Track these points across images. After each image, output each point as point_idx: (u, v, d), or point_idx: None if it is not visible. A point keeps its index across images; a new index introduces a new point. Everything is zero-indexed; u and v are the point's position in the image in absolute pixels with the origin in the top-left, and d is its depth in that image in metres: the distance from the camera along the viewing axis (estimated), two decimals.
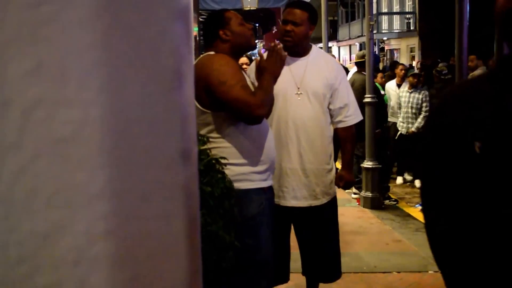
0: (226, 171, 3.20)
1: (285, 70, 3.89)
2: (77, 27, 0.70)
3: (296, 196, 4.00)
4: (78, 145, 0.71)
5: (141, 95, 0.71)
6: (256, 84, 3.48)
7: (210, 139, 3.31)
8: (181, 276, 0.77)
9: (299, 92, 3.91)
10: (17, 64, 0.70)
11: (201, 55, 3.49)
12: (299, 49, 4.02)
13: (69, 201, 0.72)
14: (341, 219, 7.00)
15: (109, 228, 0.72)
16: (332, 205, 4.24)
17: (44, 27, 0.70)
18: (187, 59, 0.77)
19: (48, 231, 0.72)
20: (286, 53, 3.52)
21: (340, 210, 7.68)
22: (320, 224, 4.13)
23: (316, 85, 3.97)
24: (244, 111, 3.24)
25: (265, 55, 3.53)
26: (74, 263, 0.72)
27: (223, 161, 3.17)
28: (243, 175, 3.39)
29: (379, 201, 8.59)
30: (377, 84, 9.36)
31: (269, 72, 3.40)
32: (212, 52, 3.43)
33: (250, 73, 4.03)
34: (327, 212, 4.17)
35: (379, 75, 10.43)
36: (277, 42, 3.57)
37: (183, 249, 0.76)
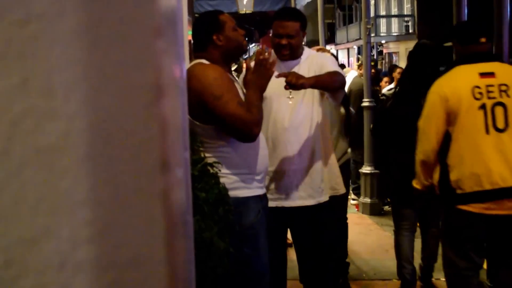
0: (224, 180, 3.18)
1: (277, 72, 3.90)
2: (62, 44, 0.73)
3: (300, 195, 3.98)
4: (63, 155, 0.75)
5: (122, 107, 0.74)
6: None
7: (205, 149, 3.27)
8: (164, 283, 0.80)
9: (290, 96, 3.90)
10: (6, 78, 0.74)
11: (192, 63, 3.41)
12: (294, 56, 4.02)
13: (54, 208, 0.75)
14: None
15: (92, 234, 0.76)
16: (331, 204, 4.24)
17: (32, 43, 0.74)
18: (168, 69, 0.80)
19: (34, 236, 0.76)
20: (274, 63, 3.42)
21: None
22: (320, 224, 4.12)
23: (309, 89, 3.96)
24: (240, 129, 3.19)
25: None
26: (58, 268, 0.76)
27: (219, 168, 3.16)
28: (241, 183, 3.35)
29: (378, 207, 8.55)
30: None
31: (255, 87, 3.33)
32: (203, 60, 3.37)
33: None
34: (327, 212, 4.16)
35: (385, 79, 10.33)
36: (265, 50, 3.48)
37: (166, 256, 0.79)
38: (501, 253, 3.95)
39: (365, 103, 8.52)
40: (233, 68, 10.69)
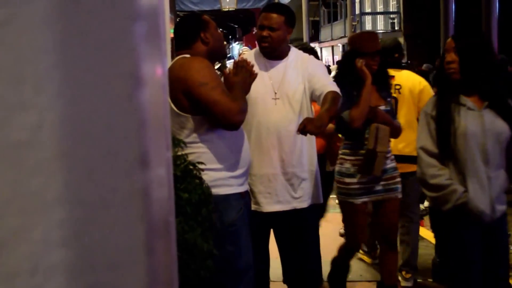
0: (204, 177, 3.16)
1: (263, 74, 3.86)
2: (33, 30, 0.68)
3: (279, 200, 3.94)
4: (34, 150, 0.70)
5: (98, 99, 0.69)
6: None
7: (187, 144, 3.25)
8: (143, 286, 0.75)
9: (276, 97, 3.85)
10: None
11: (177, 58, 3.42)
12: (278, 53, 3.96)
13: (24, 208, 0.70)
14: (325, 225, 6.98)
15: (66, 236, 0.71)
16: (314, 210, 4.20)
17: None
18: (147, 61, 0.75)
19: (3, 239, 0.70)
20: (256, 73, 3.48)
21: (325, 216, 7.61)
22: (302, 229, 4.08)
23: (294, 89, 3.91)
24: (225, 115, 3.19)
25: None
26: (30, 272, 0.71)
27: (200, 166, 3.14)
28: (222, 180, 3.34)
29: None
30: None
31: (239, 88, 3.36)
32: (187, 55, 3.36)
33: None
34: (310, 217, 4.12)
35: None
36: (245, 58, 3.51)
37: (145, 258, 0.74)
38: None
39: None
40: (216, 67, 10.65)
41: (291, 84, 3.89)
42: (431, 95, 4.93)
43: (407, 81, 5.31)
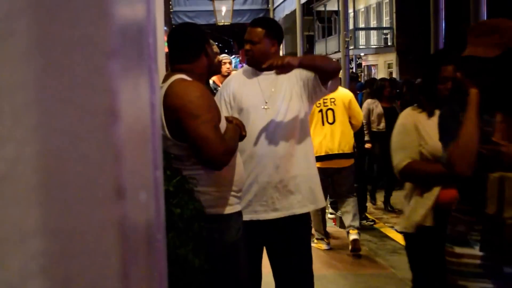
0: (206, 197, 3.15)
1: (254, 84, 3.92)
2: (10, 66, 0.70)
3: (276, 208, 3.96)
4: (12, 183, 0.71)
5: (74, 133, 0.71)
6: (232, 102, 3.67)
7: (189, 166, 3.21)
8: None
9: (266, 107, 3.90)
10: None
11: (173, 78, 3.26)
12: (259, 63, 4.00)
13: (2, 238, 0.71)
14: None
15: (44, 266, 0.72)
16: (306, 221, 4.22)
17: None
18: (126, 92, 0.77)
19: None
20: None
21: None
22: (294, 238, 4.09)
23: (286, 101, 3.95)
24: (209, 153, 3.09)
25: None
26: None
27: (201, 189, 3.14)
28: (224, 199, 3.33)
29: None
30: None
31: (231, 129, 3.39)
32: (184, 76, 3.25)
33: (223, 89, 4.04)
34: (302, 225, 4.14)
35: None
36: None
37: (119, 285, 0.75)
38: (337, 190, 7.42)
39: None
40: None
41: (281, 94, 3.94)
42: (357, 103, 7.35)
43: (339, 94, 6.96)
